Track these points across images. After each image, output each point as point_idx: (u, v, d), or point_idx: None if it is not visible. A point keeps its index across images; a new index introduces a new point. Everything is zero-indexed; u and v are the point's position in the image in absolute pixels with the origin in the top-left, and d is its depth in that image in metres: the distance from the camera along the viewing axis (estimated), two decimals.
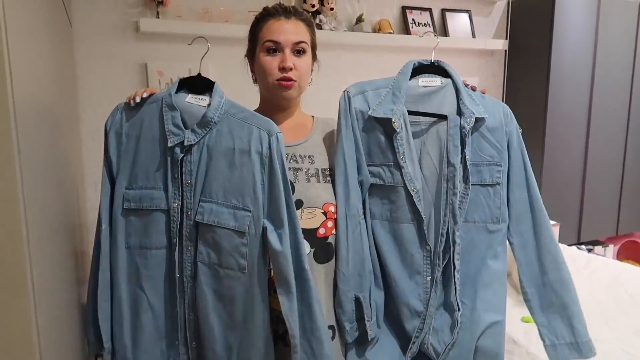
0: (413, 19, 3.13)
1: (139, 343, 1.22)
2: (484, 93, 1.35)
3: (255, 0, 2.71)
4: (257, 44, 1.32)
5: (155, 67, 2.54)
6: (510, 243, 1.33)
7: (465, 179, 1.25)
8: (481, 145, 1.29)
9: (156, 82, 2.54)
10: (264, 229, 1.17)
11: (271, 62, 1.27)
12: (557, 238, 3.20)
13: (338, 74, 3.01)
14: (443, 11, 3.24)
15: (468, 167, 1.25)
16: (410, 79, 1.31)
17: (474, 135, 1.28)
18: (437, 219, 1.27)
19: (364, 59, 3.02)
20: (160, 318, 1.23)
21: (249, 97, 1.41)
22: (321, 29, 2.82)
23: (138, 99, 1.23)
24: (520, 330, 1.68)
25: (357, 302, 1.26)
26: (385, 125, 1.26)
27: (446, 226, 1.26)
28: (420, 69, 1.34)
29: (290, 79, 1.27)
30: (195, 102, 1.22)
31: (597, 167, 3.50)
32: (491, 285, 1.30)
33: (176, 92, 1.24)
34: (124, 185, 1.20)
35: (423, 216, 1.25)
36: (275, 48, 1.27)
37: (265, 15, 1.32)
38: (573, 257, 2.47)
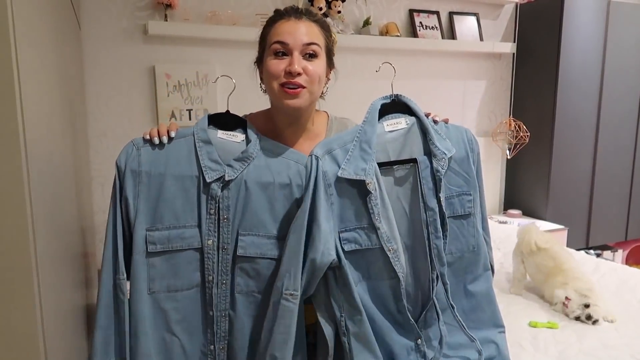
0: (420, 22, 3.13)
1: None
2: (446, 122, 1.30)
3: (263, 3, 2.73)
4: (265, 48, 1.24)
5: (163, 69, 2.56)
6: None
7: (443, 220, 1.22)
8: (449, 179, 1.25)
9: (164, 85, 2.56)
10: None
11: (277, 65, 1.18)
12: (565, 243, 3.18)
13: (344, 78, 3.01)
14: (451, 14, 3.24)
15: (444, 209, 1.21)
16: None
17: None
18: (424, 267, 1.23)
19: (370, 62, 3.02)
20: (192, 358, 1.19)
21: (256, 101, 1.41)
22: None
23: (165, 139, 1.15)
24: (528, 335, 1.67)
25: None
26: (358, 186, 1.18)
27: (435, 271, 1.22)
28: (383, 109, 1.26)
29: (297, 86, 1.18)
30: (227, 138, 1.20)
31: (606, 171, 3.47)
32: (479, 307, 1.28)
33: None
34: (144, 227, 1.13)
35: (399, 275, 1.19)
36: (284, 51, 1.19)
37: (275, 17, 1.24)
38: (581, 261, 2.45)
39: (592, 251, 3.43)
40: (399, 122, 1.26)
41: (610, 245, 3.71)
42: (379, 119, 1.24)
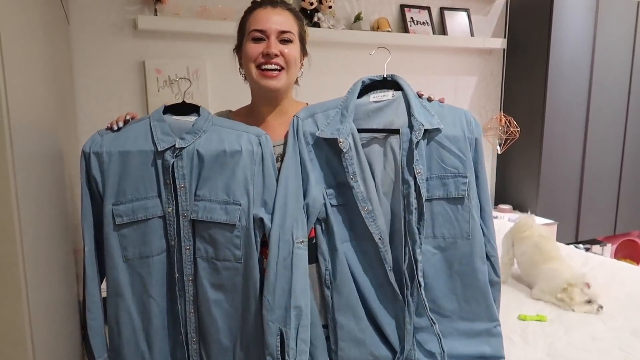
0: (412, 18, 3.13)
1: (154, 346, 1.28)
2: (442, 102, 1.31)
3: None
4: (244, 35, 1.32)
5: (153, 64, 2.54)
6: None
7: (419, 195, 1.22)
8: (442, 156, 1.25)
9: (154, 80, 2.54)
10: (257, 220, 1.23)
11: (255, 48, 1.27)
12: (554, 237, 3.21)
13: (335, 73, 3.01)
14: (442, 9, 3.24)
15: (419, 182, 1.21)
16: (362, 97, 1.29)
17: (433, 147, 1.25)
18: (399, 237, 1.25)
19: (362, 58, 3.02)
20: (166, 318, 1.29)
21: (246, 96, 1.40)
22: (319, 26, 2.82)
23: (121, 123, 1.27)
24: (517, 329, 1.69)
25: (283, 336, 1.18)
26: (334, 145, 1.23)
27: (408, 245, 1.23)
28: (373, 86, 1.31)
29: (276, 68, 1.27)
30: (182, 119, 1.29)
31: (595, 166, 3.50)
32: (474, 299, 1.28)
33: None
34: (110, 202, 1.22)
35: (375, 237, 1.23)
36: (262, 37, 1.27)
37: (254, 6, 1.32)
38: (570, 255, 2.47)
39: (581, 245, 3.47)
40: (386, 95, 1.29)
41: (599, 239, 3.74)
42: (367, 92, 1.30)
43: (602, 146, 3.51)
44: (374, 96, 1.29)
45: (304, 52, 1.37)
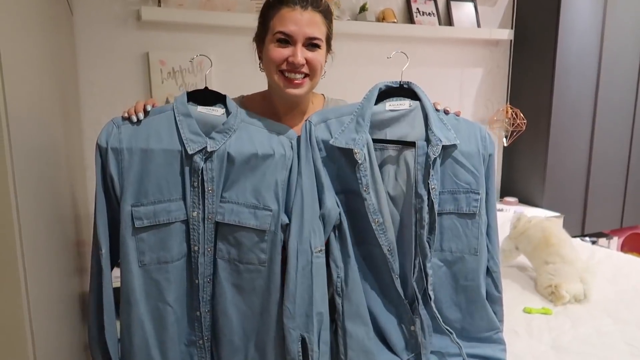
0: (417, 8, 3.10)
1: (168, 354, 1.22)
2: (458, 115, 1.28)
3: None
4: (267, 32, 1.24)
5: (157, 56, 2.53)
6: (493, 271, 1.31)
7: (431, 210, 1.21)
8: (456, 172, 1.24)
9: (158, 72, 2.53)
10: (284, 225, 1.20)
11: (280, 53, 1.20)
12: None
13: (340, 64, 2.99)
14: (448, 0, 3.21)
15: (433, 198, 1.20)
16: (377, 103, 1.25)
17: (447, 162, 1.23)
18: (409, 250, 1.23)
19: (367, 49, 2.99)
20: (182, 325, 1.24)
21: (251, 87, 1.39)
22: None
23: (141, 115, 1.16)
24: (522, 321, 1.68)
25: (304, 342, 1.19)
26: (348, 155, 1.20)
27: (418, 257, 1.22)
28: (389, 92, 1.27)
29: (300, 76, 1.21)
30: (207, 112, 1.20)
31: (602, 159, 3.47)
32: (477, 312, 1.29)
33: None
34: (129, 203, 1.14)
35: (384, 248, 1.21)
36: (286, 40, 1.20)
37: (281, 1, 1.22)
38: (576, 249, 2.45)
39: (587, 238, 3.45)
40: (403, 104, 1.26)
41: (605, 232, 3.72)
42: (384, 99, 1.26)
43: (609, 138, 3.47)
44: (390, 104, 1.25)
45: (328, 50, 1.31)
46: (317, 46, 1.23)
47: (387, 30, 2.96)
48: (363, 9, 2.94)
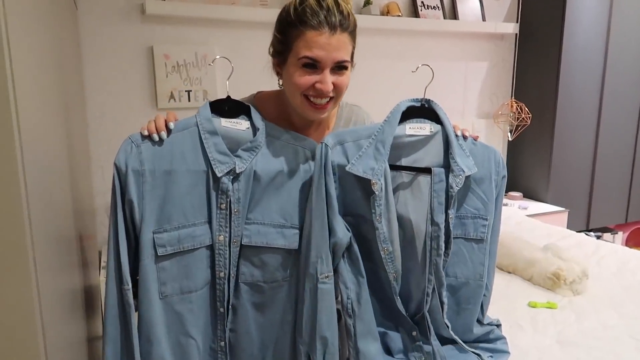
0: (422, 2, 3.08)
1: None
2: (476, 139, 1.24)
3: None
4: (289, 52, 1.14)
5: (162, 50, 2.53)
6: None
7: (448, 238, 1.19)
8: (466, 197, 1.21)
9: (162, 66, 2.53)
10: None
11: (306, 80, 1.12)
12: (565, 225, 3.18)
13: None
14: None
15: (451, 227, 1.18)
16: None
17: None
18: (420, 277, 1.22)
19: (371, 43, 2.98)
20: (205, 356, 1.17)
21: (255, 81, 1.39)
22: None
23: (164, 135, 1.07)
24: (527, 316, 1.68)
25: None
26: (364, 183, 1.15)
27: (431, 285, 1.20)
28: (409, 112, 1.21)
29: (323, 103, 1.15)
30: (231, 126, 1.13)
31: (607, 153, 3.46)
32: (470, 331, 1.28)
33: None
34: (151, 230, 1.05)
35: (390, 276, 1.19)
36: (313, 64, 1.12)
37: (305, 22, 1.10)
38: (581, 243, 2.45)
39: (592, 233, 3.44)
40: (423, 128, 1.21)
41: (610, 227, 3.71)
42: (404, 120, 1.21)
43: (614, 133, 3.45)
44: (410, 127, 1.20)
45: (352, 64, 1.22)
46: (345, 68, 1.16)
47: (392, 24, 2.94)
48: (367, 2, 2.92)
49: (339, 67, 1.14)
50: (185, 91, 2.60)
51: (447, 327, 1.22)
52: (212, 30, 2.63)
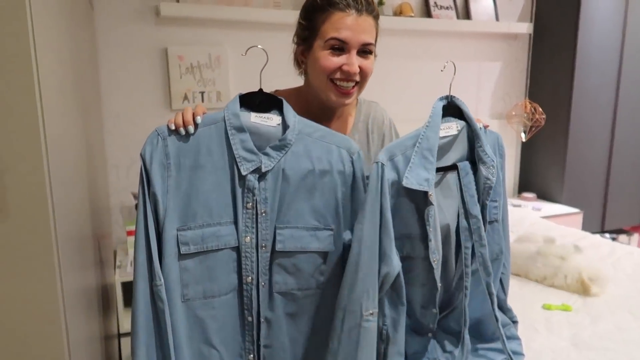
0: (435, 2, 3.07)
1: None
2: (486, 128, 1.25)
3: None
4: (315, 36, 1.16)
5: (176, 51, 2.55)
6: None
7: (485, 227, 1.17)
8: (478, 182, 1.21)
9: (177, 67, 2.55)
10: (347, 244, 1.11)
11: (333, 62, 1.13)
12: (580, 226, 3.15)
13: None
14: None
15: (487, 217, 1.18)
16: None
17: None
18: (452, 274, 1.20)
19: (384, 43, 2.97)
20: None
21: (271, 82, 1.39)
22: None
23: (192, 129, 1.03)
24: (541, 318, 1.67)
25: None
26: (416, 196, 1.11)
27: (468, 279, 1.17)
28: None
29: (351, 84, 1.16)
30: (261, 121, 1.08)
31: (622, 154, 3.42)
32: (489, 315, 1.25)
33: None
34: (175, 227, 1.01)
35: (439, 285, 1.15)
36: (341, 47, 1.13)
37: (333, 3, 1.13)
38: (596, 245, 2.42)
39: (607, 235, 3.40)
40: (451, 127, 1.20)
41: (626, 229, 3.67)
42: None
43: (630, 133, 3.42)
44: (441, 129, 1.18)
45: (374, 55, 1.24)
46: (370, 52, 1.17)
47: (405, 25, 2.94)
48: (380, 2, 2.92)
49: (364, 51, 1.16)
50: (199, 92, 2.62)
51: (497, 319, 1.20)
52: (225, 32, 2.65)
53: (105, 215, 2.12)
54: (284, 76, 1.40)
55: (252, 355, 1.08)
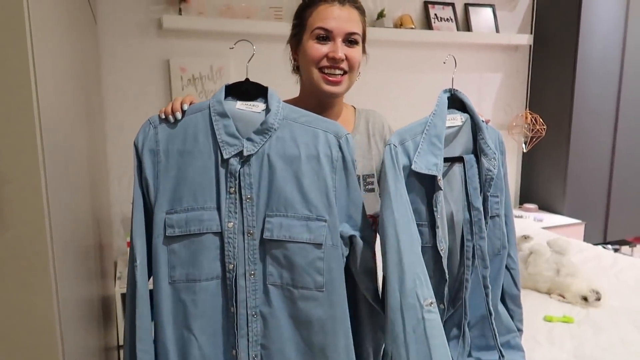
0: (435, 14, 3.09)
1: None
2: (487, 122, 1.27)
3: None
4: (304, 31, 1.21)
5: (178, 63, 2.57)
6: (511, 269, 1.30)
7: (486, 220, 1.19)
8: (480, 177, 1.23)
9: (179, 79, 2.57)
10: (346, 238, 1.08)
11: (319, 50, 1.17)
12: (582, 237, 3.14)
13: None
14: (466, 5, 3.20)
15: (488, 210, 1.19)
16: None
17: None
18: (457, 265, 1.20)
19: (385, 55, 3.00)
20: None
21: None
22: None
23: (179, 115, 1.07)
24: (543, 330, 1.66)
25: None
26: (424, 180, 1.12)
27: (469, 272, 1.18)
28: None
29: (339, 72, 1.19)
30: (247, 108, 1.09)
31: (624, 164, 3.41)
32: (497, 312, 1.26)
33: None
34: (164, 210, 1.04)
35: (446, 274, 1.15)
36: (326, 36, 1.18)
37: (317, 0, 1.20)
38: (599, 256, 2.41)
39: (609, 246, 3.39)
40: (455, 119, 1.22)
41: (628, 240, 3.65)
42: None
43: (632, 144, 3.41)
44: (446, 119, 1.21)
45: (363, 51, 1.29)
46: (356, 42, 1.21)
47: (405, 36, 2.96)
48: (381, 15, 2.95)
49: (350, 41, 1.20)
50: None
51: (491, 314, 1.20)
52: (227, 44, 2.66)
53: (106, 226, 2.13)
54: (284, 86, 1.40)
55: (234, 351, 1.06)
